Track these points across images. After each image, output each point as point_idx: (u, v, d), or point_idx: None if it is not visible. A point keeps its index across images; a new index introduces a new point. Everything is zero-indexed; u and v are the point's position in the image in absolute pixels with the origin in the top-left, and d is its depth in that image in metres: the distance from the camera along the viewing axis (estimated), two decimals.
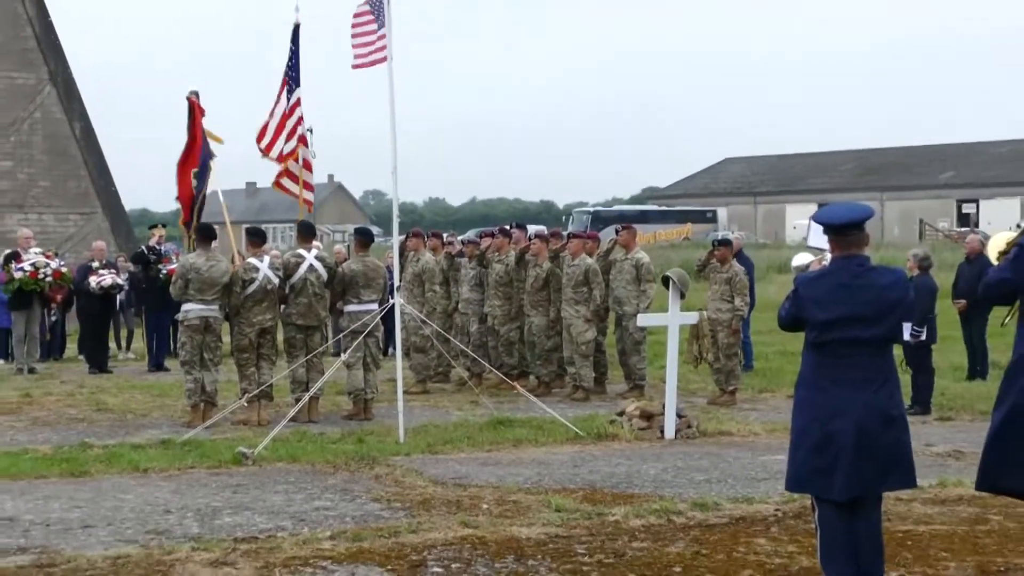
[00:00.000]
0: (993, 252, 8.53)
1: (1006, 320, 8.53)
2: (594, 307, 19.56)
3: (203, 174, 18.47)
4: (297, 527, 10.52)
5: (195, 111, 18.45)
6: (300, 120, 18.98)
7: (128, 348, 26.50)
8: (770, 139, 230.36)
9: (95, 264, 24.21)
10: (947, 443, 15.03)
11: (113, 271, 24.31)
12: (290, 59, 18.71)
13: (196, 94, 18.60)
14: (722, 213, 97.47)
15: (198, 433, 15.48)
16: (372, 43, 16.14)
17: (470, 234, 30.07)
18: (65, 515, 10.99)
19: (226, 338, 17.75)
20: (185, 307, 16.90)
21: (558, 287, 19.91)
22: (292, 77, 18.73)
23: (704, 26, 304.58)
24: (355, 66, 16.39)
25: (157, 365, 23.74)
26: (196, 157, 18.53)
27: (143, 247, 25.26)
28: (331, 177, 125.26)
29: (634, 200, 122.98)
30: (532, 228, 23.85)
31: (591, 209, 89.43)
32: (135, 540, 10.03)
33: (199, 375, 16.74)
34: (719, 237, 22.65)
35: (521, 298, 20.45)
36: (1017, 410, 7.94)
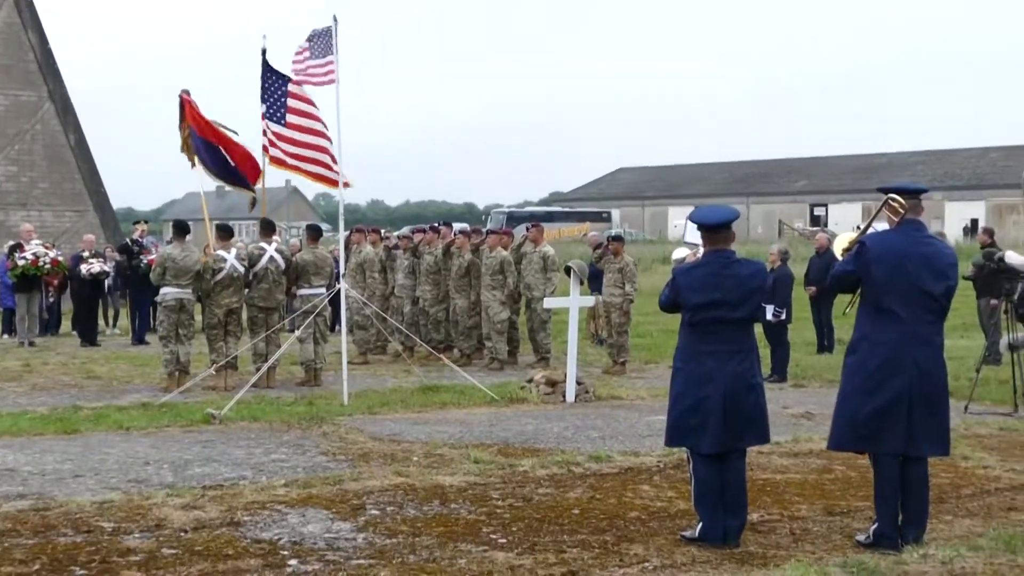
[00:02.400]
0: (838, 249, 8.60)
1: (846, 310, 8.63)
2: (508, 292, 19.54)
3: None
4: (256, 476, 10.45)
5: (186, 107, 17.82)
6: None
7: (114, 325, 26.16)
8: (657, 152, 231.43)
9: (86, 254, 23.92)
10: (800, 406, 15.14)
11: (101, 260, 24.04)
12: (263, 79, 18.05)
13: (187, 92, 18.01)
14: (616, 214, 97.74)
15: (173, 397, 15.35)
16: (318, 66, 15.89)
17: (405, 230, 29.87)
18: (58, 466, 10.86)
19: (198, 317, 17.60)
20: (163, 290, 16.74)
21: (478, 275, 19.87)
22: (273, 93, 17.98)
23: (603, 55, 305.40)
24: (299, 83, 16.14)
25: (139, 340, 23.47)
26: (225, 140, 17.94)
27: (128, 240, 24.93)
28: (288, 182, 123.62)
29: (542, 202, 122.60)
30: (457, 225, 23.68)
31: (506, 210, 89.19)
32: (118, 487, 9.93)
33: (175, 348, 16.61)
34: (613, 234, 22.63)
35: (447, 284, 20.41)
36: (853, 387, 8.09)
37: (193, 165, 17.90)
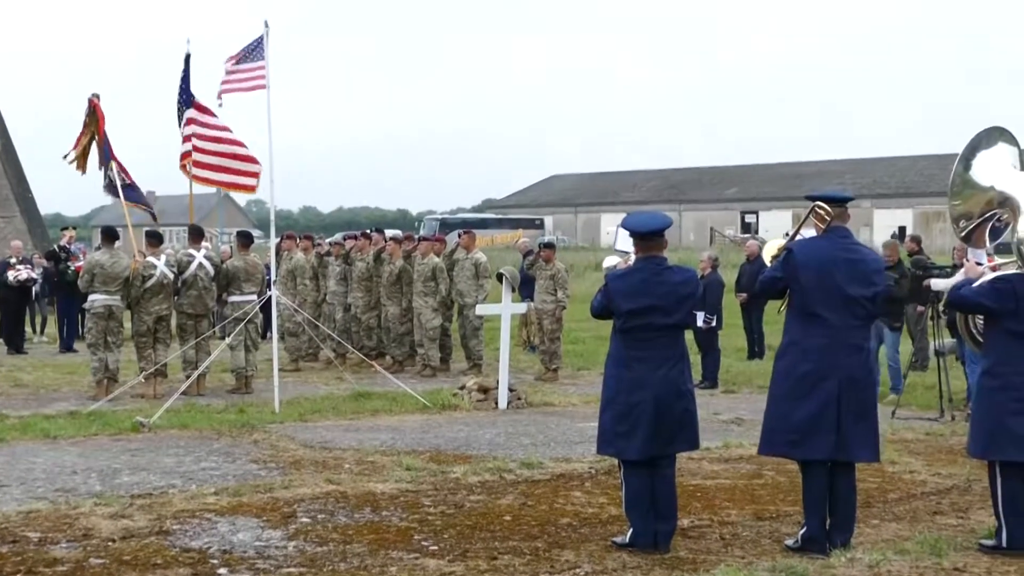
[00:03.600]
0: (768, 256, 8.70)
1: (781, 308, 8.70)
2: (440, 298, 19.53)
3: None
4: (186, 485, 10.36)
5: (97, 112, 17.71)
6: (190, 136, 18.15)
7: (42, 332, 25.88)
8: (589, 159, 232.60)
9: (13, 260, 23.62)
10: (731, 412, 15.24)
11: (29, 266, 23.74)
12: (182, 83, 18.02)
13: (97, 96, 17.87)
14: (549, 221, 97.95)
15: (102, 405, 15.16)
16: (247, 70, 15.79)
17: (337, 237, 29.79)
18: None
19: (127, 324, 17.44)
20: (91, 297, 16.57)
21: (410, 281, 19.83)
22: (184, 100, 17.97)
23: (536, 63, 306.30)
24: (224, 92, 16.13)
25: (67, 347, 23.21)
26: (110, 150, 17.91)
27: (56, 246, 24.71)
28: (219, 189, 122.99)
29: (475, 209, 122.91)
30: (389, 232, 23.67)
31: (439, 216, 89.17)
32: (45, 497, 9.81)
33: (103, 355, 16.43)
34: (544, 240, 22.70)
35: (379, 290, 20.37)
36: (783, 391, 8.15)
37: (83, 172, 17.83)
